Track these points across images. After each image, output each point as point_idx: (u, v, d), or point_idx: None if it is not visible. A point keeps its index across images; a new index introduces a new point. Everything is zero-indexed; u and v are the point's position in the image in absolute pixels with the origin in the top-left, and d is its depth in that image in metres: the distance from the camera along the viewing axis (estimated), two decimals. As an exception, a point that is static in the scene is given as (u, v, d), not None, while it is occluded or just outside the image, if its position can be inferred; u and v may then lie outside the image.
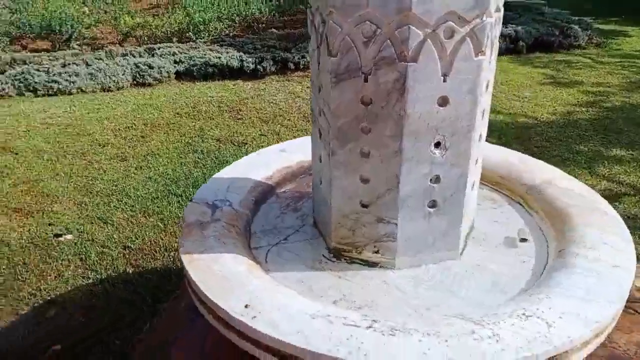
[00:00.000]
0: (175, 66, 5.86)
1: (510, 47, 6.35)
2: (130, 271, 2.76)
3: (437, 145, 1.41)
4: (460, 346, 1.16)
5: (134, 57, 5.95)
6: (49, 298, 2.58)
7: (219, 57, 5.83)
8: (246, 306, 1.30)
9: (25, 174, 3.73)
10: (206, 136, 4.33)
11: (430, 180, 1.45)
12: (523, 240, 1.65)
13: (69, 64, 5.63)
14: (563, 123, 4.37)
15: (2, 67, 5.63)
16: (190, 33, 6.81)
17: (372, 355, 1.14)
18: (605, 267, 1.41)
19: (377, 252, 1.56)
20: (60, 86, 5.36)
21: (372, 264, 1.57)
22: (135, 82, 5.69)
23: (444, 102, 1.35)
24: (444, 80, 1.32)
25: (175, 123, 4.59)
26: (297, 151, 2.15)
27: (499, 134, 4.19)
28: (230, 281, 1.39)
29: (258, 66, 5.79)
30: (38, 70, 5.47)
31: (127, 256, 2.86)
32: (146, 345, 2.09)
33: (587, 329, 1.22)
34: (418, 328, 1.21)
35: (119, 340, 2.29)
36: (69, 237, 3.05)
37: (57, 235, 3.05)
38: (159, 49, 6.12)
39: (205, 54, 5.93)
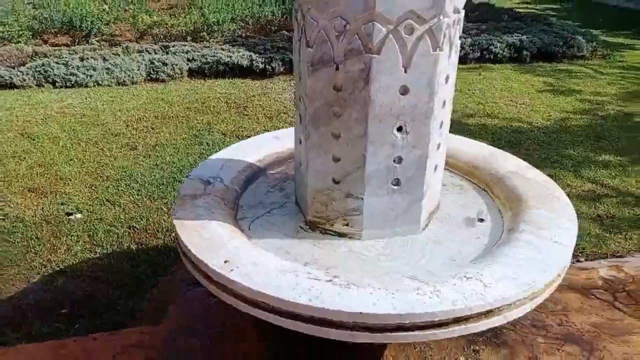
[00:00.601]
0: (188, 64, 6.10)
1: (514, 56, 6.50)
2: (134, 248, 2.98)
3: (399, 129, 1.60)
4: (404, 298, 1.35)
5: (149, 53, 6.20)
6: (58, 269, 2.80)
7: (230, 57, 6.07)
8: (225, 262, 1.50)
9: (41, 158, 3.98)
10: (213, 130, 4.55)
11: (393, 160, 1.64)
12: (481, 220, 1.83)
13: (87, 59, 5.90)
14: (556, 129, 4.52)
15: (24, 59, 5.92)
16: (204, 33, 7.05)
17: (328, 303, 1.33)
18: (546, 242, 1.59)
19: (346, 224, 1.75)
20: (78, 79, 5.62)
21: (342, 235, 1.76)
22: (149, 78, 5.93)
23: (404, 91, 1.54)
24: (405, 72, 1.51)
25: (184, 117, 4.82)
26: (289, 138, 2.34)
27: (492, 136, 4.35)
28: (213, 242, 1.59)
29: (267, 66, 6.00)
30: (57, 63, 5.74)
31: (131, 235, 3.08)
32: (148, 307, 2.32)
33: (519, 290, 1.40)
34: (371, 284, 1.40)
35: (122, 306, 2.50)
36: (79, 216, 3.27)
37: (69, 214, 3.28)
38: (173, 47, 6.37)
39: (217, 53, 6.17)
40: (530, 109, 4.97)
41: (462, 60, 6.48)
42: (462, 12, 1.61)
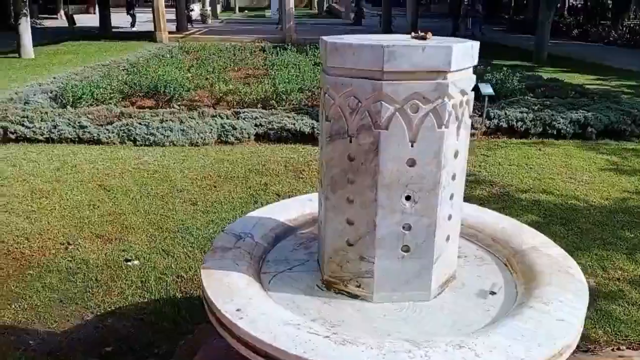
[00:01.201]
0: (255, 129, 6.54)
1: (578, 133, 6.40)
2: (179, 295, 3.19)
3: (408, 198, 1.71)
4: (393, 359, 1.41)
5: (222, 118, 6.73)
6: (109, 309, 3.05)
7: (294, 124, 6.45)
8: (237, 310, 1.64)
9: (112, 207, 4.39)
10: (269, 190, 4.82)
11: (403, 227, 1.74)
12: (492, 293, 1.86)
13: (166, 121, 6.50)
14: (614, 209, 4.37)
15: (112, 118, 6.62)
16: (273, 101, 7.56)
17: (321, 356, 1.43)
18: (550, 318, 1.60)
19: (358, 286, 1.85)
20: (156, 139, 6.19)
21: (354, 296, 1.85)
22: (219, 140, 6.42)
23: (412, 163, 1.67)
24: (412, 146, 1.65)
25: (244, 177, 5.14)
26: (321, 202, 2.51)
27: (545, 212, 4.27)
28: (231, 291, 1.74)
29: (327, 133, 6.30)
30: (140, 123, 6.37)
31: (179, 283, 3.30)
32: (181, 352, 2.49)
33: (511, 363, 1.42)
34: (365, 342, 1.48)
35: (160, 348, 2.68)
36: (136, 262, 3.56)
37: (127, 260, 3.58)
38: (244, 112, 6.88)
39: (282, 120, 6.58)
40: (589, 187, 4.84)
41: (524, 134, 6.47)
42: (471, 94, 1.74)
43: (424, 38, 1.70)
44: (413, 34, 1.78)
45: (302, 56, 11.79)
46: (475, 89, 1.86)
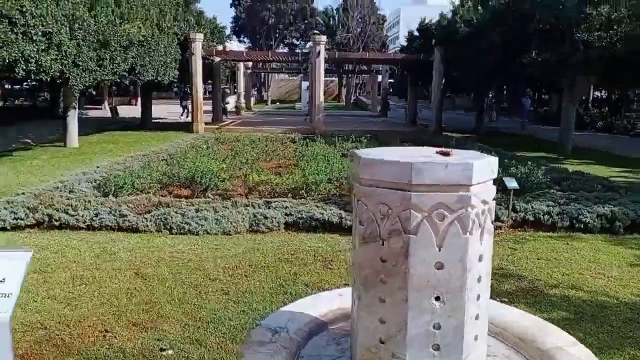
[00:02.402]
0: (285, 218, 6.77)
1: (606, 227, 6.42)
2: (211, 387, 3.24)
3: (437, 298, 1.84)
4: None
5: (254, 207, 7.00)
6: (143, 399, 3.12)
7: (322, 213, 6.66)
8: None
9: (148, 296, 4.55)
10: (298, 281, 4.93)
11: (433, 326, 1.86)
12: (521, 393, 1.91)
13: (201, 210, 6.80)
14: (647, 306, 4.32)
15: (150, 207, 6.96)
16: (303, 191, 7.86)
17: None
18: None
19: (390, 383, 1.93)
20: (191, 227, 6.46)
21: (385, 393, 1.93)
22: (250, 229, 6.64)
23: (440, 266, 1.82)
24: (439, 250, 1.80)
25: (274, 267, 5.28)
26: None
27: (575, 309, 4.25)
28: (269, 384, 1.85)
29: (356, 224, 6.48)
30: (176, 212, 6.68)
31: (210, 374, 3.37)
32: None
33: None
34: None
35: None
36: (170, 352, 3.65)
37: (162, 350, 3.68)
38: (275, 202, 7.16)
39: (311, 210, 6.81)
40: (618, 282, 4.81)
41: (550, 228, 6.51)
42: (492, 202, 1.91)
43: (447, 154, 1.91)
44: (437, 149, 2.00)
45: (331, 147, 12.29)
46: (500, 182, 2.04)
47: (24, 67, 10.33)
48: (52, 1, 11.08)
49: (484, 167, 1.80)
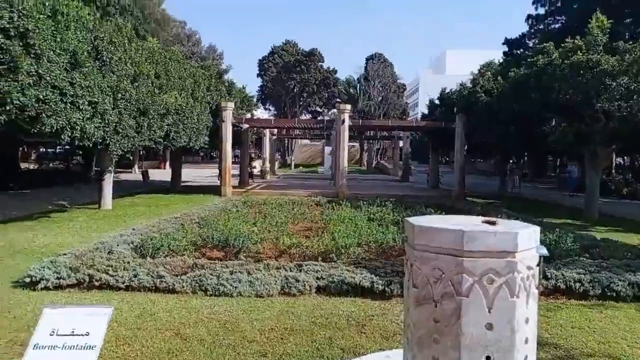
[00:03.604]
0: (316, 281, 6.89)
1: (638, 295, 6.38)
2: None
3: (488, 358, 1.99)
4: None
5: (285, 270, 7.16)
6: None
7: (353, 277, 6.78)
8: None
9: (189, 357, 4.68)
10: (334, 345, 5.01)
11: (484, 385, 1.99)
12: None
13: (235, 272, 6.99)
14: (688, 377, 4.28)
15: (186, 269, 7.17)
16: (333, 254, 8.01)
17: None
18: None
19: None
20: (226, 289, 6.63)
21: None
22: (282, 292, 6.77)
23: (490, 327, 1.98)
24: (489, 312, 1.98)
25: (309, 330, 5.38)
26: (399, 357, 2.77)
27: (614, 379, 4.23)
28: None
29: (386, 288, 6.57)
30: (212, 274, 6.87)
31: None
32: None
33: None
34: None
35: None
36: (213, 412, 3.75)
37: (205, 409, 3.78)
38: (306, 265, 7.31)
39: (342, 273, 6.94)
40: (657, 352, 4.78)
41: (583, 296, 6.50)
42: (536, 269, 2.10)
43: (493, 223, 2.12)
44: (483, 218, 2.21)
45: (357, 211, 12.50)
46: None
47: (70, 134, 10.99)
48: (98, 72, 11.93)
49: (528, 235, 2.01)
